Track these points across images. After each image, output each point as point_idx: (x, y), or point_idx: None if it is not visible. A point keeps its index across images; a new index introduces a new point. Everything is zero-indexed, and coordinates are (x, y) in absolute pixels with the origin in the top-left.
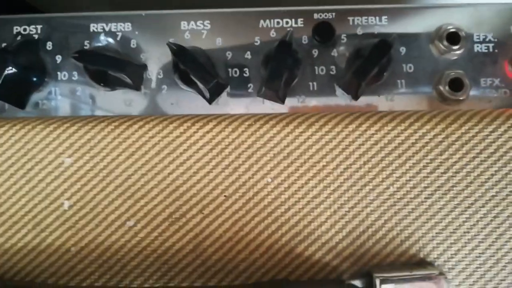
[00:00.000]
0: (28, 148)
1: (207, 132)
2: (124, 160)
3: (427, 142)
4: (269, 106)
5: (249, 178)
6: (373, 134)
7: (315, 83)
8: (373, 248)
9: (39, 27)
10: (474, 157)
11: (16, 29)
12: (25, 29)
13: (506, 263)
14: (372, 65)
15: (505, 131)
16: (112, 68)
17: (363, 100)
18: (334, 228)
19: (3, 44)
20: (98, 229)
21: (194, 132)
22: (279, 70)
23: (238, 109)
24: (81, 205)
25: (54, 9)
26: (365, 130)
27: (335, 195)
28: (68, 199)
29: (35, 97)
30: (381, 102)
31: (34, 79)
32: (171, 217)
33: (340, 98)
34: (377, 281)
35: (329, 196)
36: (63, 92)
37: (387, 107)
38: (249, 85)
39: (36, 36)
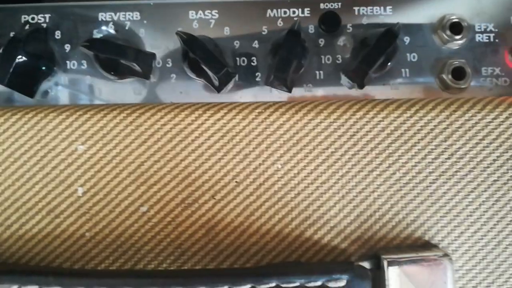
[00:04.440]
0: (41, 135)
1: (218, 119)
2: (136, 147)
3: (431, 129)
4: (277, 95)
5: (260, 164)
6: (380, 121)
7: (321, 72)
8: (380, 232)
9: (47, 16)
10: (477, 143)
11: (24, 18)
12: (33, 18)
13: (507, 244)
14: (379, 53)
15: (507, 118)
16: (123, 57)
17: (368, 89)
18: (343, 212)
19: (11, 33)
20: (112, 215)
21: (206, 120)
22: (289, 58)
23: (246, 97)
24: (94, 191)
25: None
26: (372, 117)
27: (343, 181)
28: (81, 185)
29: (44, 86)
30: (385, 90)
31: (43, 68)
32: (183, 202)
33: (345, 87)
34: (385, 263)
35: (337, 182)
36: (72, 81)
37: (391, 96)
38: (256, 74)
39: (44, 25)
